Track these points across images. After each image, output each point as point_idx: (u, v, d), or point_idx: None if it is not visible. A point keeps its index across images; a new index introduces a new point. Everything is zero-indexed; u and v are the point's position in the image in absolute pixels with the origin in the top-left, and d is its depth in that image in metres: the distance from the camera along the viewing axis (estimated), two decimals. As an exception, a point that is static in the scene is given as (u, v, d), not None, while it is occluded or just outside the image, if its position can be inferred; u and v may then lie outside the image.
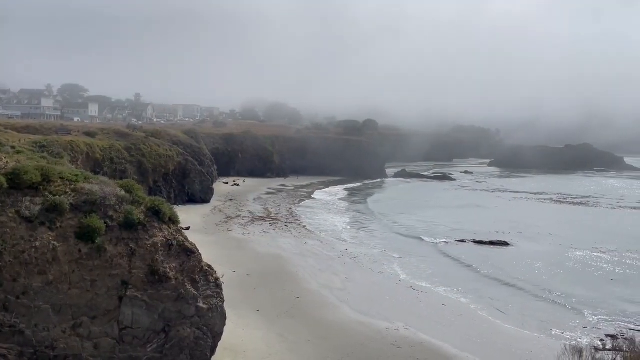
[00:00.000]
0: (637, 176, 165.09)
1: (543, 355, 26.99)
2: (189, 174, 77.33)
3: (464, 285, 42.36)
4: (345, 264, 46.53)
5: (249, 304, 33.23)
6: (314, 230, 61.99)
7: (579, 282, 43.98)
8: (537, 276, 45.68)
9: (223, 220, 64.43)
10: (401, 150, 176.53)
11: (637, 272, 48.03)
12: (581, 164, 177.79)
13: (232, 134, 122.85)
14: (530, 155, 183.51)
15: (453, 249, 55.62)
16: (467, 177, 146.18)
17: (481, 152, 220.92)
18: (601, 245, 58.32)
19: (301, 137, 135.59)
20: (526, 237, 62.79)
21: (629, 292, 41.45)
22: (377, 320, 32.57)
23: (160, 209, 22.83)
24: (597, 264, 50.69)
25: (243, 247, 50.17)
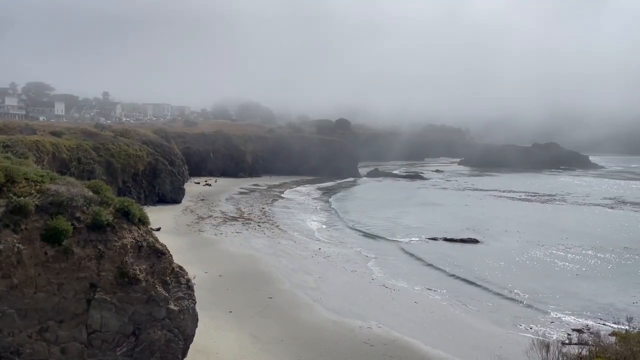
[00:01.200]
0: (601, 174, 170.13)
1: (512, 350, 27.54)
2: (160, 174, 76.22)
3: (436, 282, 42.92)
4: (318, 264, 46.58)
5: (221, 305, 32.96)
6: (287, 229, 61.85)
7: (546, 279, 45.04)
8: (506, 273, 46.60)
9: (195, 220, 63.71)
10: (374, 150, 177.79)
11: (602, 268, 49.47)
12: (548, 162, 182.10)
13: (203, 134, 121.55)
14: (499, 154, 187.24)
15: (425, 247, 56.29)
16: (438, 176, 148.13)
17: (452, 151, 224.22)
18: (567, 242, 59.86)
19: (274, 137, 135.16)
20: (495, 234, 64.01)
21: (594, 287, 42.65)
22: (350, 318, 32.73)
23: (130, 210, 22.41)
24: (563, 260, 52.00)
25: (215, 248, 49.71)
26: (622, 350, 15.22)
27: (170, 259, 22.78)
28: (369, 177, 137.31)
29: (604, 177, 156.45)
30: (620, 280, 45.03)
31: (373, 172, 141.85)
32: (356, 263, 47.55)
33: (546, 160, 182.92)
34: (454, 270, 46.78)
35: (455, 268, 47.43)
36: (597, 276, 46.37)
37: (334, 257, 49.19)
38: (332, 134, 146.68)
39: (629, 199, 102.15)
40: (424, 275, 45.20)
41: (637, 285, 43.04)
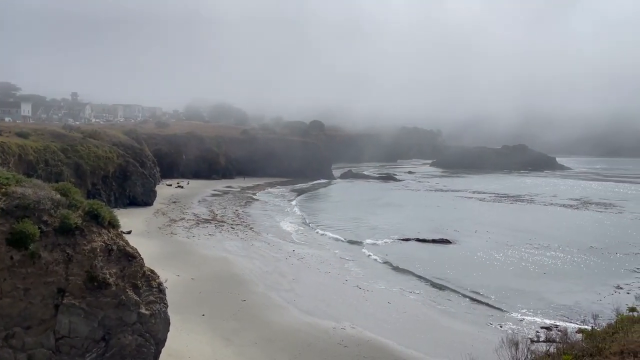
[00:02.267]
0: (568, 175, 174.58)
1: (483, 348, 28.02)
2: (130, 176, 75.02)
3: (408, 283, 43.40)
4: (292, 265, 46.54)
5: (193, 308, 32.63)
6: (260, 231, 61.62)
7: (515, 278, 46.00)
8: (477, 273, 47.40)
9: (166, 223, 62.90)
10: (348, 151, 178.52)
11: (568, 267, 50.79)
12: (517, 164, 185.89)
13: (175, 135, 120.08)
14: (470, 156, 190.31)
15: (398, 248, 56.82)
16: (411, 178, 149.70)
17: (424, 153, 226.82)
18: (534, 241, 61.22)
19: (247, 138, 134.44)
20: (466, 235, 65.03)
21: (561, 286, 43.75)
22: (324, 320, 32.81)
23: (99, 213, 22.00)
24: (531, 259, 53.19)
25: (187, 251, 49.17)
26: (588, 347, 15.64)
27: (141, 262, 22.45)
28: (343, 178, 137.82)
29: (570, 178, 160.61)
30: (586, 278, 46.31)
31: (346, 174, 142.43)
32: (330, 264, 47.67)
33: (515, 162, 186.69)
34: (426, 270, 47.34)
35: (428, 268, 48.01)
36: (564, 275, 47.57)
37: (308, 259, 49.21)
38: (306, 135, 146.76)
39: (594, 200, 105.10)
40: (397, 275, 45.64)
41: (602, 283, 44.32)
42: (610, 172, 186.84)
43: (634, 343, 14.48)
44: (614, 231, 69.63)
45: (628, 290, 41.51)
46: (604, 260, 53.47)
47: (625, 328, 16.41)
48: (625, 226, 74.67)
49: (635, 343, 14.44)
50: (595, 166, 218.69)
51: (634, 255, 55.53)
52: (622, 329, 16.44)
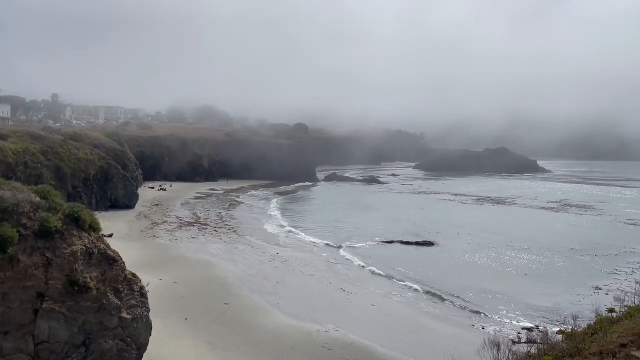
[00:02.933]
0: (548, 178, 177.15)
1: (465, 350, 28.22)
2: (112, 179, 74.17)
3: (392, 285, 43.58)
4: (276, 268, 46.42)
5: (176, 312, 32.35)
6: (244, 234, 61.36)
7: (497, 279, 46.48)
8: (459, 274, 47.79)
9: (149, 226, 62.31)
10: (332, 154, 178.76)
11: (549, 269, 51.45)
12: (499, 167, 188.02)
13: (158, 137, 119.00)
14: (452, 159, 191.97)
15: (381, 250, 57.03)
16: (395, 180, 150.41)
17: (408, 156, 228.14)
18: (516, 243, 61.92)
19: (232, 141, 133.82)
20: (449, 237, 65.53)
21: (542, 287, 44.32)
22: (308, 323, 32.78)
23: (80, 216, 21.70)
24: (512, 261, 53.80)
25: (170, 254, 48.76)
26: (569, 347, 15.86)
27: (123, 266, 22.21)
28: (327, 181, 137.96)
29: (551, 181, 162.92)
30: (566, 280, 46.96)
31: (331, 177, 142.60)
32: (314, 267, 47.65)
33: (497, 165, 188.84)
34: (409, 273, 47.58)
35: (411, 271, 48.26)
36: (545, 277, 48.18)
37: (292, 262, 49.12)
38: (291, 138, 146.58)
39: (574, 202, 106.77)
40: (380, 278, 45.77)
41: (582, 285, 44.99)
42: (590, 175, 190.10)
43: (612, 344, 14.72)
44: (593, 233, 70.76)
45: (607, 291, 42.17)
46: (583, 262, 54.30)
47: (605, 329, 16.67)
48: (604, 228, 75.96)
49: (614, 343, 14.68)
50: (576, 169, 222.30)
51: (613, 256, 56.50)
52: (601, 330, 16.69)
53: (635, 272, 48.81)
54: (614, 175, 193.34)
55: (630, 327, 15.38)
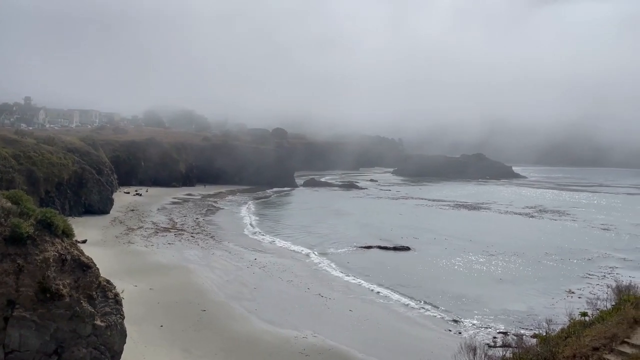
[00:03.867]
0: (523, 183, 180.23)
1: (442, 354, 28.45)
2: (86, 184, 72.85)
3: (370, 290, 43.71)
4: (254, 274, 46.14)
5: (151, 319, 31.86)
6: (221, 240, 60.87)
7: (473, 284, 47.00)
8: (436, 279, 48.21)
9: (124, 232, 61.35)
10: (311, 159, 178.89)
11: (524, 273, 52.26)
12: (476, 172, 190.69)
13: (134, 141, 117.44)
14: (430, 164, 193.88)
15: (359, 256, 57.17)
16: (373, 186, 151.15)
17: (386, 161, 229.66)
18: (492, 248, 62.75)
19: (209, 145, 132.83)
20: (426, 241, 66.09)
21: (517, 291, 44.97)
22: (286, 329, 32.63)
23: (52, 222, 21.26)
24: (488, 266, 54.50)
25: (146, 260, 48.07)
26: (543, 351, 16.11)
27: (97, 272, 21.81)
28: (305, 186, 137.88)
29: (525, 187, 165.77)
30: (540, 284, 47.73)
31: (309, 182, 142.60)
32: (292, 273, 47.50)
33: (474, 171, 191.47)
34: (387, 278, 47.79)
35: (389, 276, 48.48)
36: (520, 281, 48.91)
37: (270, 268, 48.89)
38: (269, 143, 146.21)
39: (548, 208, 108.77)
40: (358, 283, 45.85)
41: (556, 289, 45.79)
42: (564, 181, 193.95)
43: (585, 347, 14.99)
44: (566, 238, 72.12)
45: (579, 295, 43.00)
46: (557, 266, 55.30)
47: (578, 332, 16.97)
48: (577, 233, 77.51)
49: (587, 347, 14.95)
50: (549, 175, 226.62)
51: (585, 261, 57.68)
52: (574, 334, 16.99)
53: (607, 276, 49.88)
54: (586, 181, 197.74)
55: (602, 331, 15.69)
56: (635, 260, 57.91)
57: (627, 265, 55.70)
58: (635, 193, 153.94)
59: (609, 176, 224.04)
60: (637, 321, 15.50)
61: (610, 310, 18.63)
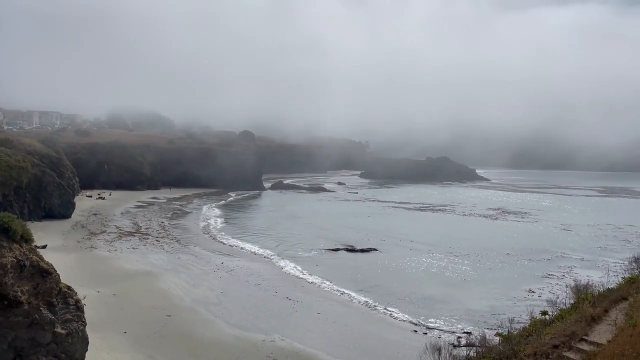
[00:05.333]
0: (487, 186, 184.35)
1: (409, 354, 28.78)
2: (46, 187, 70.68)
3: (337, 292, 43.86)
4: (221, 278, 45.68)
5: (115, 325, 31.16)
6: (187, 244, 60.05)
7: (438, 284, 47.75)
8: (403, 280, 48.77)
9: (86, 236, 59.82)
10: (278, 162, 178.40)
11: (487, 273, 53.44)
12: (441, 175, 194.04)
13: (96, 144, 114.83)
14: (396, 167, 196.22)
15: (327, 258, 57.33)
16: (341, 188, 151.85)
17: (353, 164, 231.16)
18: (456, 249, 63.93)
19: (175, 148, 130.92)
20: (392, 243, 66.80)
21: (481, 291, 45.93)
22: (253, 333, 32.43)
23: (10, 226, 20.52)
24: (452, 266, 55.48)
25: (109, 265, 46.98)
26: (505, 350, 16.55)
27: (57, 278, 21.20)
28: (273, 189, 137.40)
29: (489, 189, 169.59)
30: (503, 284, 48.88)
31: (277, 185, 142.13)
32: (260, 276, 47.24)
33: (439, 173, 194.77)
34: (354, 279, 48.08)
35: (356, 277, 48.80)
36: (483, 281, 49.98)
37: (237, 271, 48.49)
38: (236, 146, 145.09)
39: (511, 209, 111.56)
40: (326, 285, 45.95)
41: (517, 288, 46.98)
42: (526, 184, 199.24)
43: (546, 345, 15.46)
44: (527, 239, 74.08)
45: (540, 294, 44.22)
46: (518, 266, 56.74)
47: (538, 331, 17.50)
48: (538, 234, 79.71)
49: (547, 345, 15.43)
50: (512, 178, 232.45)
51: (545, 261, 59.38)
52: (535, 332, 17.51)
53: (566, 275, 51.46)
54: (547, 184, 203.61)
55: (561, 329, 16.22)
56: (592, 260, 59.95)
57: (585, 265, 57.62)
58: (592, 195, 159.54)
59: (570, 179, 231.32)
60: (594, 319, 16.09)
61: (569, 309, 19.27)
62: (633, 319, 13.67)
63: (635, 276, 19.80)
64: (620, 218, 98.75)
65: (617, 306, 16.88)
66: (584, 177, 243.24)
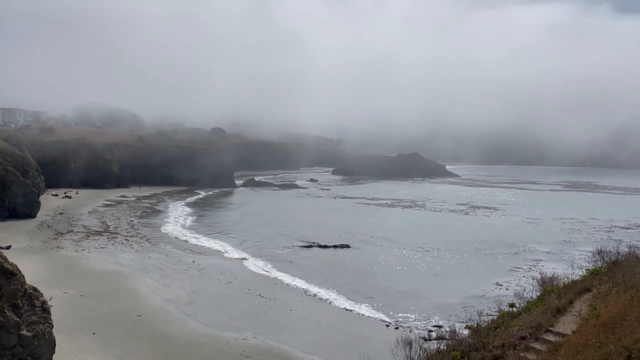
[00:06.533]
0: (456, 182, 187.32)
1: (380, 349, 29.03)
2: (10, 186, 68.61)
3: (310, 289, 43.95)
4: (192, 277, 45.21)
5: (83, 327, 30.55)
6: (158, 243, 59.22)
7: (409, 279, 48.37)
8: (374, 275, 49.24)
9: (52, 236, 58.37)
10: (250, 159, 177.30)
11: (456, 267, 54.38)
12: (411, 171, 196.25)
13: (62, 141, 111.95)
14: (368, 164, 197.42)
15: (300, 254, 57.38)
16: (313, 185, 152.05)
17: (325, 161, 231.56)
18: (426, 244, 64.79)
19: (144, 145, 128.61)
20: (364, 239, 67.26)
21: (451, 285, 46.70)
22: (226, 331, 32.24)
23: (-29, 227, 19.90)
24: (423, 261, 56.26)
25: (76, 266, 45.98)
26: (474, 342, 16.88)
27: (22, 280, 20.65)
28: (245, 187, 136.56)
29: (458, 185, 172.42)
30: (472, 277, 49.83)
31: (249, 182, 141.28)
32: (232, 274, 46.95)
33: (410, 170, 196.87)
34: (327, 275, 48.25)
35: (329, 273, 48.98)
36: (453, 275, 50.84)
37: (208, 270, 48.07)
38: (207, 143, 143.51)
39: (479, 204, 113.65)
40: (299, 282, 45.97)
41: (486, 281, 47.96)
42: (494, 179, 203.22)
43: (513, 336, 15.83)
44: (496, 233, 75.59)
45: (507, 287, 45.20)
46: (487, 260, 57.89)
47: (506, 323, 17.90)
48: (505, 228, 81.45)
49: (515, 336, 15.80)
50: (482, 173, 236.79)
51: (513, 254, 60.74)
52: (503, 324, 17.91)
53: (532, 268, 52.74)
54: (515, 179, 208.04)
55: (528, 321, 16.63)
56: (557, 253, 61.60)
57: (550, 257, 59.17)
58: (558, 190, 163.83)
59: (538, 174, 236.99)
60: (559, 310, 16.54)
61: (535, 301, 19.74)
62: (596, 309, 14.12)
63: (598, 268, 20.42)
64: (583, 212, 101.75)
65: (581, 297, 17.37)
66: (552, 173, 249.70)
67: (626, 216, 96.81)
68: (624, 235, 69.02)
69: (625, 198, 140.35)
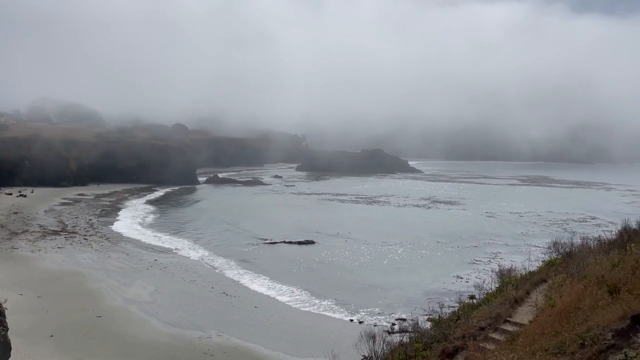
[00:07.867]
0: (419, 177, 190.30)
1: (345, 343, 29.21)
2: (-41, 185, 65.72)
3: (275, 285, 43.91)
4: (154, 276, 44.44)
5: (40, 329, 29.62)
6: (118, 241, 57.93)
7: (373, 274, 48.94)
8: (339, 270, 49.58)
9: (6, 236, 56.31)
10: (214, 156, 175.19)
11: (419, 261, 55.33)
12: (375, 167, 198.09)
13: (16, 138, 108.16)
14: (331, 160, 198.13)
15: (266, 251, 57.16)
16: (277, 181, 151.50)
17: (290, 157, 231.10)
18: (390, 239, 65.60)
19: (103, 142, 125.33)
20: (329, 235, 67.60)
21: (414, 278, 47.49)
22: (189, 330, 31.86)
23: None
24: (387, 256, 56.98)
25: (32, 266, 44.50)
26: (436, 334, 17.25)
27: (-26, 282, 19.82)
28: (208, 183, 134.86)
29: (421, 180, 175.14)
30: (434, 270, 50.79)
31: (212, 179, 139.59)
32: (195, 272, 46.39)
33: (373, 165, 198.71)
34: (293, 272, 48.31)
35: (294, 270, 49.05)
36: (416, 268, 51.70)
37: (171, 268, 47.34)
38: (169, 139, 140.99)
39: (441, 199, 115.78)
40: (264, 279, 45.84)
41: (447, 274, 48.95)
42: (455, 174, 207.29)
43: (473, 327, 16.25)
44: (456, 227, 77.21)
45: (467, 279, 46.30)
46: (448, 253, 59.12)
47: (467, 314, 18.35)
48: (466, 222, 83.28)
49: (475, 327, 16.22)
50: (443, 169, 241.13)
51: (473, 247, 62.20)
52: (463, 316, 18.35)
53: (492, 261, 54.12)
54: (475, 174, 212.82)
55: (487, 312, 17.10)
56: (515, 246, 63.42)
57: (509, 250, 60.86)
58: (515, 184, 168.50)
59: (498, 169, 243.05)
60: (517, 301, 17.05)
61: (494, 292, 20.29)
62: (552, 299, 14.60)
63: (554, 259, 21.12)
64: (539, 205, 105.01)
65: (538, 288, 17.93)
66: (513, 168, 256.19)
67: (578, 210, 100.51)
68: (577, 227, 71.66)
69: (577, 191, 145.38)
